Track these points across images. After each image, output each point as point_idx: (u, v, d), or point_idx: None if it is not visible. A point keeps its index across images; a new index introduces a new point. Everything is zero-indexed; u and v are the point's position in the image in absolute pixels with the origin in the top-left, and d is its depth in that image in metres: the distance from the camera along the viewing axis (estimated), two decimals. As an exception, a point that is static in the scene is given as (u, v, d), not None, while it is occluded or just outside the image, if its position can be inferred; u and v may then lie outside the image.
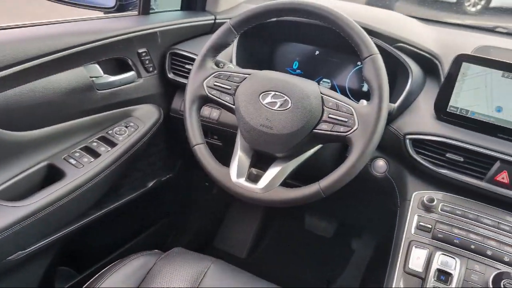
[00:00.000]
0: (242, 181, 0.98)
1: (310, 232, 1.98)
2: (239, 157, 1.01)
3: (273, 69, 1.07)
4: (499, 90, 0.97)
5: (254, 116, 0.96)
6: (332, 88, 1.30)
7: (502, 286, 0.84)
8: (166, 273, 1.04)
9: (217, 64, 1.10)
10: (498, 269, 0.88)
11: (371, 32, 1.03)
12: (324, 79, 1.31)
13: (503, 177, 0.95)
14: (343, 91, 1.29)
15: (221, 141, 1.39)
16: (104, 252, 1.50)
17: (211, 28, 1.47)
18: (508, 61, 0.97)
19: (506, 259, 0.90)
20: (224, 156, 1.08)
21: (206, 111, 1.33)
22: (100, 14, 1.36)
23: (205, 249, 1.90)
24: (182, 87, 1.38)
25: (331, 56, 1.30)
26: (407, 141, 1.04)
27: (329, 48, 1.30)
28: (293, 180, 1.00)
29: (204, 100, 1.06)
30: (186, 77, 1.17)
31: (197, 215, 1.93)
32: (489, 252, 0.91)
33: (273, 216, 2.02)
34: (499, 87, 0.97)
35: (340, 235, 1.95)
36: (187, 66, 1.34)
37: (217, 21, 1.47)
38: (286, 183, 0.97)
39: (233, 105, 1.01)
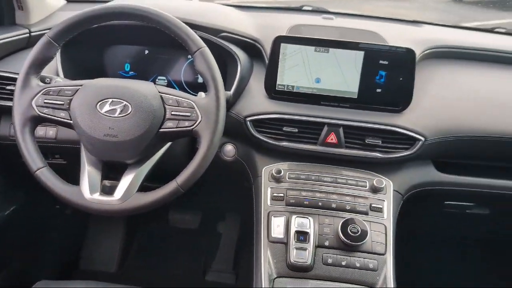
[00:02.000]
0: (97, 196, 0.94)
1: (176, 228, 2.00)
2: (89, 172, 0.97)
3: (105, 75, 1.05)
4: (314, 64, 1.10)
5: (95, 127, 0.93)
6: (169, 84, 1.32)
7: (349, 231, 0.98)
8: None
9: (42, 80, 1.02)
10: (343, 217, 1.01)
11: (194, 26, 1.07)
12: (159, 77, 1.32)
13: (332, 138, 1.10)
14: (180, 86, 1.32)
15: (65, 159, 1.30)
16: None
17: (26, 43, 1.35)
18: (316, 37, 1.10)
19: (348, 207, 1.04)
20: (71, 174, 1.03)
21: (41, 131, 1.23)
22: None
23: (72, 274, 1.78)
24: (7, 111, 1.25)
25: (162, 53, 1.31)
26: (248, 123, 1.12)
27: (158, 46, 1.30)
28: (152, 182, 1.00)
29: (37, 121, 0.98)
30: (10, 99, 1.07)
31: (55, 242, 1.79)
32: (333, 205, 1.05)
33: (136, 222, 1.98)
34: (314, 61, 1.10)
35: (206, 223, 2.01)
36: (8, 87, 1.22)
37: (32, 34, 1.36)
38: (144, 187, 0.97)
39: (70, 120, 0.96)
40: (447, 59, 1.29)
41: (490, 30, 1.59)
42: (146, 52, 1.32)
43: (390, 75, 1.10)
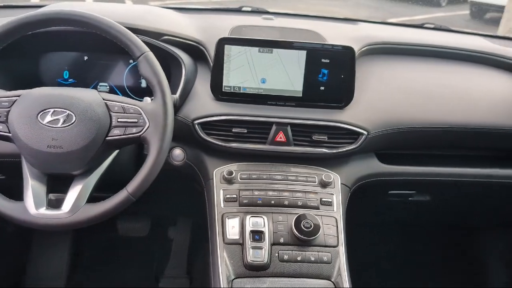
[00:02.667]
0: (43, 211, 0.90)
1: (125, 237, 1.95)
2: (32, 186, 0.92)
3: (42, 84, 1.00)
4: (259, 64, 1.12)
5: (37, 139, 0.89)
6: (112, 90, 1.28)
7: (302, 226, 1.00)
8: None
9: None
10: (296, 213, 1.03)
11: (136, 30, 1.05)
12: (101, 83, 1.28)
13: (281, 137, 1.12)
14: (123, 92, 1.29)
15: (3, 174, 1.23)
16: None
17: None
18: (259, 38, 1.11)
19: (300, 203, 1.07)
20: (13, 190, 0.97)
21: (-26, 146, 1.16)
22: None
23: None
24: None
25: (102, 58, 1.28)
26: (196, 125, 1.12)
27: (98, 51, 1.27)
28: (101, 192, 0.97)
29: None
30: None
31: None
32: (286, 202, 1.07)
33: (83, 234, 1.91)
34: (259, 61, 1.12)
35: (156, 229, 1.98)
36: None
37: None
38: (94, 198, 0.94)
39: (9, 133, 0.91)
40: (384, 55, 1.35)
41: (420, 26, 1.69)
42: (85, 58, 1.27)
43: (332, 73, 1.13)
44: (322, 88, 1.14)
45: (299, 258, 1.00)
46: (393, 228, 1.81)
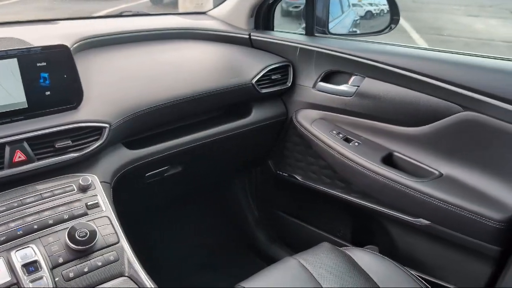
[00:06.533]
0: None
1: None
2: None
3: None
4: None
5: None
6: None
7: (77, 238, 0.95)
8: None
9: None
10: (66, 228, 0.96)
11: None
12: None
13: (19, 156, 1.01)
14: None
15: None
16: None
17: None
18: None
19: (66, 216, 1.00)
20: None
21: None
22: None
23: None
24: None
25: None
26: None
27: None
28: None
29: None
30: None
31: None
32: (50, 221, 0.98)
33: None
34: None
35: None
36: None
37: None
38: None
39: None
40: (100, 47, 1.35)
41: (120, 15, 1.76)
42: None
43: (53, 75, 1.07)
44: (47, 93, 1.07)
45: (86, 270, 0.95)
46: (163, 207, 1.88)
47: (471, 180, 1.29)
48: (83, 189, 1.07)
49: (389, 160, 1.46)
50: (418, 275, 1.21)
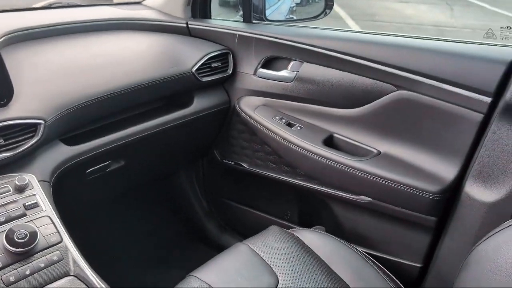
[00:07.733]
0: None
1: None
2: None
3: None
4: None
5: None
6: None
7: (16, 240, 0.91)
8: None
9: None
10: (3, 231, 0.92)
11: None
12: None
13: None
14: None
15: None
16: None
17: None
18: None
19: (2, 219, 0.95)
20: None
21: None
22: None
23: None
24: None
25: None
26: None
27: None
28: None
29: None
30: None
31: None
32: None
33: None
34: None
35: None
36: None
37: None
38: None
39: None
40: (29, 41, 1.28)
41: (50, 7, 1.67)
42: None
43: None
44: (-27, 90, 1.01)
45: (28, 272, 0.90)
46: (107, 203, 1.83)
47: (407, 156, 1.36)
48: (20, 189, 1.03)
49: (330, 142, 1.50)
50: (363, 251, 1.26)
